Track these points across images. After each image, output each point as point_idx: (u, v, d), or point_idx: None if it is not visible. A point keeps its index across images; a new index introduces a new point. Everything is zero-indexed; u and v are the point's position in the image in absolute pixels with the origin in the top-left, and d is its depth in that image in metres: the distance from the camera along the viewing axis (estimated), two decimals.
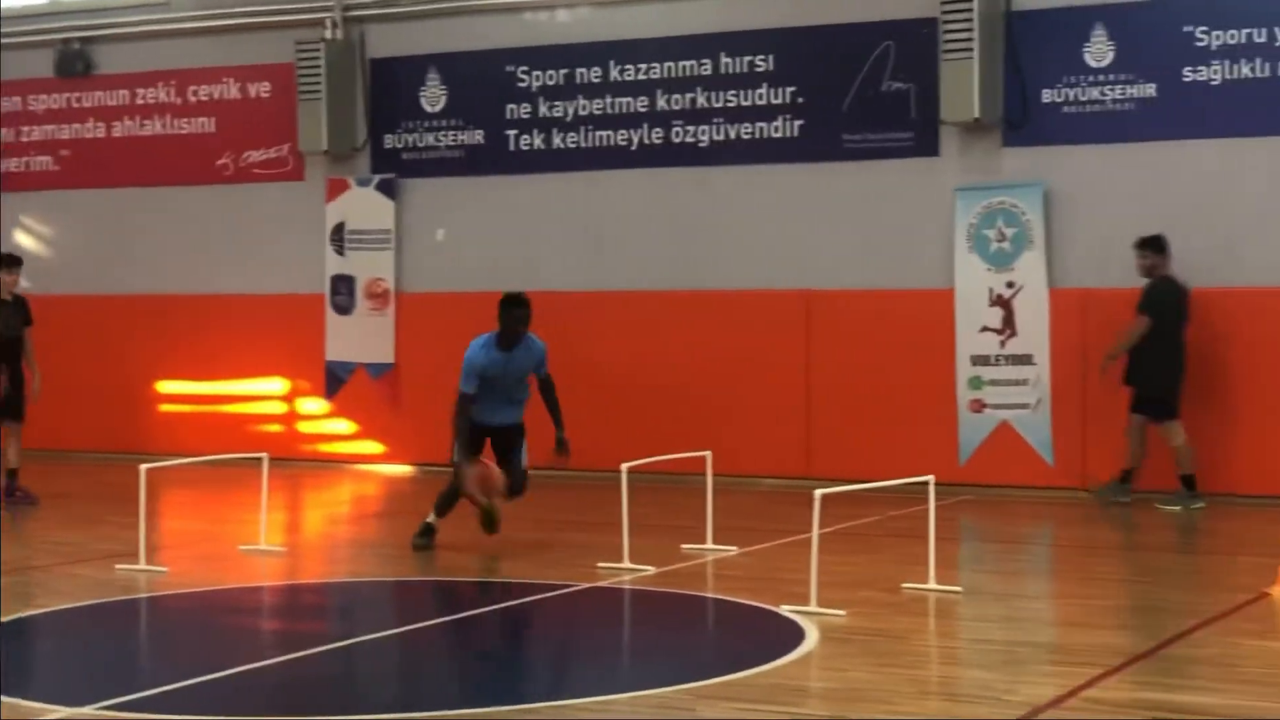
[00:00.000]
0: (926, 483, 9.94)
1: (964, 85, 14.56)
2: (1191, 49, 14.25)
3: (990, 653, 8.29)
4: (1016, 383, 14.73)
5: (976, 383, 14.87)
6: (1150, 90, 14.43)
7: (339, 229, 17.36)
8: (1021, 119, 14.81)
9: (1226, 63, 14.13)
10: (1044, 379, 14.60)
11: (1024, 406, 14.67)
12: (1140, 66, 14.45)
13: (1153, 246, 13.91)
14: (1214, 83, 14.20)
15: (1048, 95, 14.77)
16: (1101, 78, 14.59)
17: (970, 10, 14.49)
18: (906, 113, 15.19)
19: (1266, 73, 14.01)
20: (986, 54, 14.60)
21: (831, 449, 15.24)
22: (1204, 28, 14.19)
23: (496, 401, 11.47)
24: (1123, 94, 14.53)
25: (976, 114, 14.57)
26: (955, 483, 14.19)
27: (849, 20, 15.39)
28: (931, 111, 14.96)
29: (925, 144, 15.15)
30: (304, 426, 17.54)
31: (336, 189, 17.39)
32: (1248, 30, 14.05)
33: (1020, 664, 7.97)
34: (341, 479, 16.53)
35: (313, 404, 17.49)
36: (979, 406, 14.87)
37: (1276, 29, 13.96)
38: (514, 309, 11.43)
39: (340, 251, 17.34)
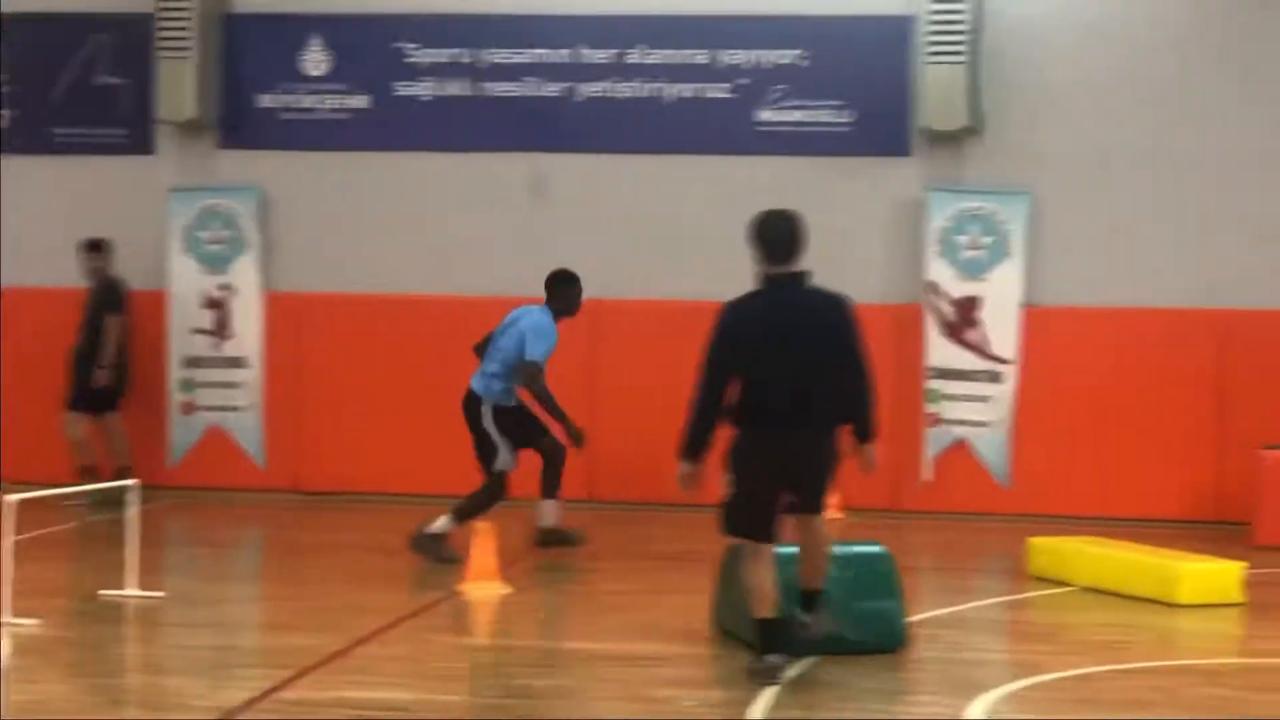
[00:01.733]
0: (129, 487, 9.76)
1: (180, 84, 14.45)
2: (402, 65, 14.75)
3: (191, 658, 8.26)
4: (230, 385, 14.73)
5: (188, 385, 14.75)
6: (364, 101, 14.82)
7: None
8: (239, 122, 14.85)
9: (435, 80, 14.73)
10: (257, 381, 14.68)
11: (237, 409, 14.69)
12: (355, 78, 14.81)
13: (101, 248, 14.29)
14: (424, 98, 14.75)
15: (265, 100, 14.88)
16: (318, 86, 14.84)
17: (188, 9, 14.40)
18: (120, 109, 14.90)
19: (471, 91, 14.70)
20: (204, 54, 14.54)
21: (26, 451, 14.57)
22: (414, 45, 14.72)
23: None
24: (339, 104, 14.85)
25: (192, 114, 14.50)
26: (167, 485, 14.06)
27: (61, 10, 14.92)
28: (147, 109, 14.75)
29: (139, 142, 14.91)
30: None
31: None
32: (453, 50, 14.70)
33: (220, 668, 7.99)
34: None
35: None
36: (190, 408, 14.77)
37: (481, 51, 14.68)
38: (578, 284, 11.50)
39: None
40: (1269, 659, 8.53)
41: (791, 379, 7.70)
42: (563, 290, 11.45)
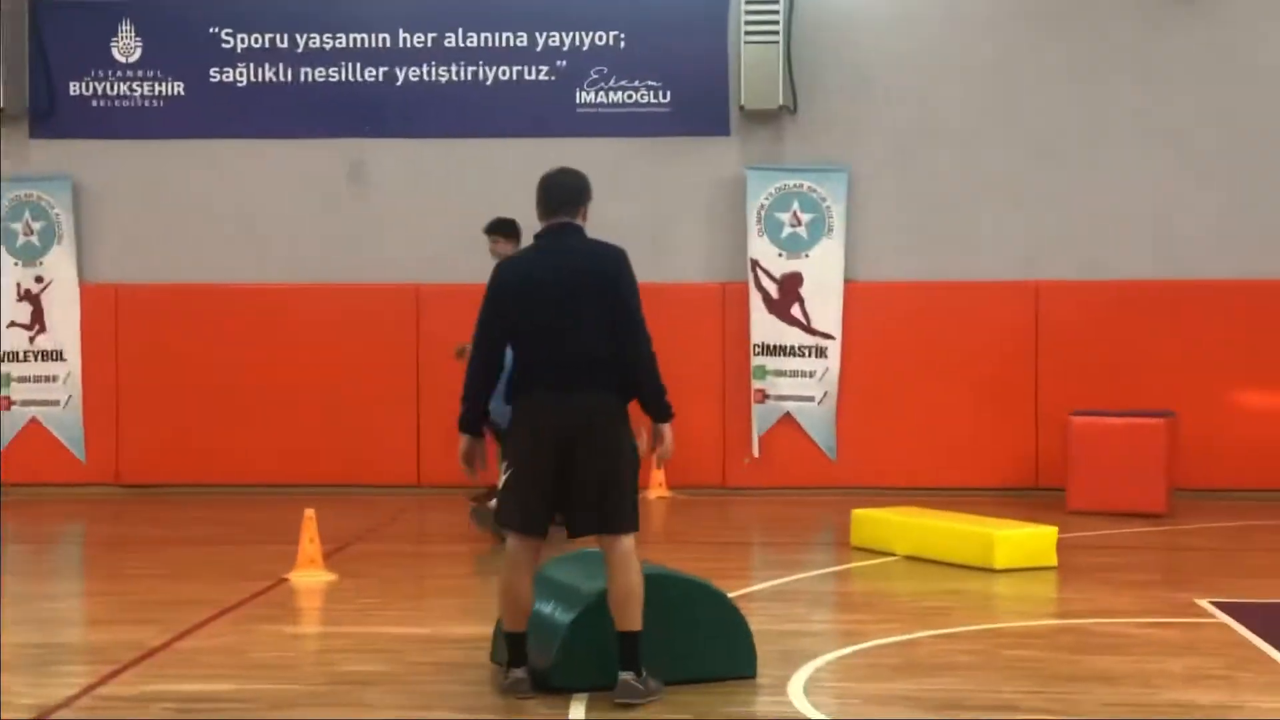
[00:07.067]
0: None
1: None
2: (218, 50, 14.56)
3: (10, 656, 8.10)
4: (48, 379, 14.48)
5: (4, 380, 14.47)
6: (179, 88, 14.60)
7: None
8: (49, 111, 14.56)
9: (250, 65, 14.56)
10: (75, 374, 14.46)
11: (55, 403, 14.46)
12: (168, 64, 14.59)
13: None
14: (239, 84, 14.58)
15: (76, 88, 14.61)
16: (130, 73, 14.60)
17: None
18: None
19: (288, 77, 14.55)
20: (11, 41, 14.24)
21: None
22: (229, 30, 14.53)
23: None
24: (152, 90, 14.62)
25: (0, 104, 14.20)
26: None
27: None
28: None
29: None
30: None
31: None
32: (270, 35, 14.53)
33: (40, 666, 7.85)
34: None
35: None
36: (8, 404, 14.49)
37: (297, 35, 14.53)
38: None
39: None
40: (1078, 619, 8.76)
41: (559, 337, 6.75)
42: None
